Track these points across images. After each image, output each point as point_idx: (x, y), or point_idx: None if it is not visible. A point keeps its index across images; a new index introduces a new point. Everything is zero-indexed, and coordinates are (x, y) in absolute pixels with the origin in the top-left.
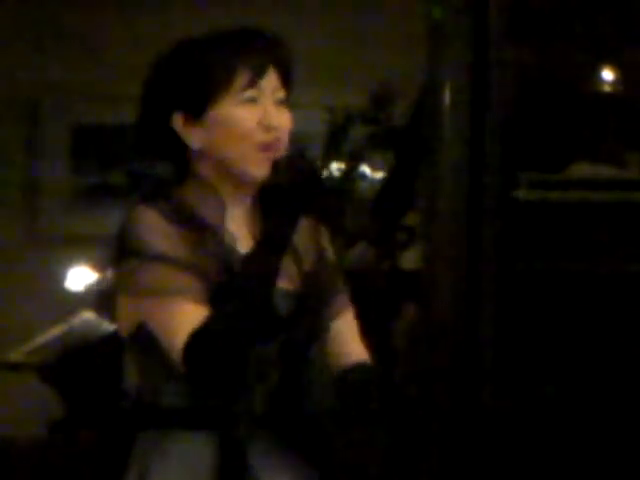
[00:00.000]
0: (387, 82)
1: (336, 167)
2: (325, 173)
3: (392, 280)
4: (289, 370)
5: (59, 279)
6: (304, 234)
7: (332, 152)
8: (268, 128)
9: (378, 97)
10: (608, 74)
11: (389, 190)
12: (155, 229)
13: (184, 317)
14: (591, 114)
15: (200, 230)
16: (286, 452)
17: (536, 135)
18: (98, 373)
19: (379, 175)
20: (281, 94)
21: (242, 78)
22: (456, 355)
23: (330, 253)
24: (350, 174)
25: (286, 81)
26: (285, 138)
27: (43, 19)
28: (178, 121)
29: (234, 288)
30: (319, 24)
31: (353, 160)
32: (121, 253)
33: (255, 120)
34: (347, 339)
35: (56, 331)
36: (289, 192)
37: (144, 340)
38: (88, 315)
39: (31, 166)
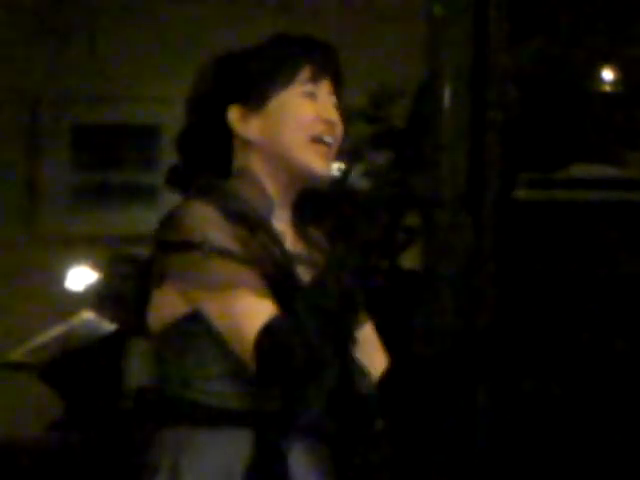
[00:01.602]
0: (387, 82)
1: (336, 167)
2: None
3: (392, 280)
4: (341, 373)
5: (59, 279)
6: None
7: None
8: (326, 122)
9: (378, 97)
10: (608, 74)
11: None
12: (214, 223)
13: (251, 310)
14: (591, 114)
15: (252, 227)
16: (322, 459)
17: (536, 135)
18: (98, 373)
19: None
20: (335, 100)
21: (306, 73)
22: (456, 355)
23: None
24: (350, 174)
25: (337, 94)
26: (337, 142)
27: (44, 19)
28: (234, 114)
29: (321, 284)
30: (319, 24)
31: (353, 160)
32: (176, 245)
33: (314, 113)
34: (370, 349)
35: (56, 331)
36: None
37: (182, 333)
38: (88, 315)
39: (31, 166)
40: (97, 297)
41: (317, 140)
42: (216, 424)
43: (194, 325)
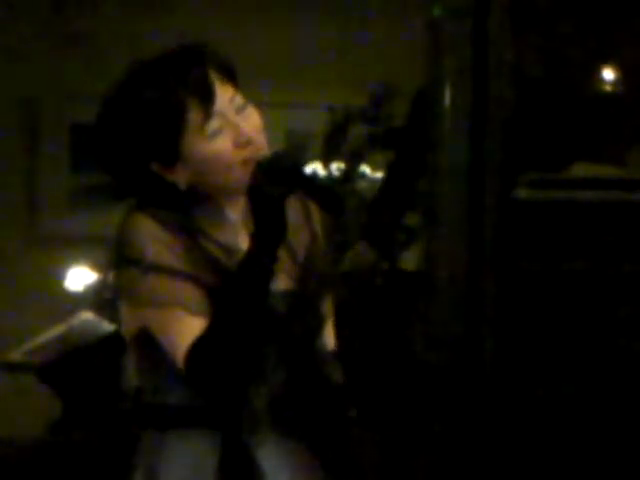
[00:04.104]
0: (387, 82)
1: (336, 167)
2: (325, 172)
3: (392, 280)
4: (293, 369)
5: (59, 279)
6: (294, 217)
7: (332, 152)
8: (246, 144)
9: (378, 97)
10: (608, 74)
11: (388, 190)
12: (153, 237)
13: (184, 329)
14: (591, 114)
15: (199, 236)
16: (292, 451)
17: (536, 135)
18: (97, 373)
19: (379, 175)
20: (239, 100)
21: (196, 113)
22: (456, 355)
23: (320, 238)
24: (350, 174)
25: (234, 82)
26: (260, 137)
27: (44, 19)
28: (156, 168)
29: (230, 294)
30: (319, 24)
31: (353, 160)
32: (120, 261)
33: (230, 146)
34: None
35: (56, 331)
36: (271, 193)
37: (146, 342)
38: (88, 315)
39: (31, 166)
40: (96, 297)
41: (243, 164)
42: (185, 426)
43: (145, 334)
